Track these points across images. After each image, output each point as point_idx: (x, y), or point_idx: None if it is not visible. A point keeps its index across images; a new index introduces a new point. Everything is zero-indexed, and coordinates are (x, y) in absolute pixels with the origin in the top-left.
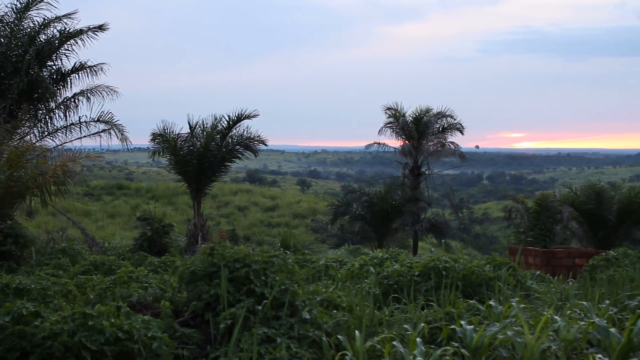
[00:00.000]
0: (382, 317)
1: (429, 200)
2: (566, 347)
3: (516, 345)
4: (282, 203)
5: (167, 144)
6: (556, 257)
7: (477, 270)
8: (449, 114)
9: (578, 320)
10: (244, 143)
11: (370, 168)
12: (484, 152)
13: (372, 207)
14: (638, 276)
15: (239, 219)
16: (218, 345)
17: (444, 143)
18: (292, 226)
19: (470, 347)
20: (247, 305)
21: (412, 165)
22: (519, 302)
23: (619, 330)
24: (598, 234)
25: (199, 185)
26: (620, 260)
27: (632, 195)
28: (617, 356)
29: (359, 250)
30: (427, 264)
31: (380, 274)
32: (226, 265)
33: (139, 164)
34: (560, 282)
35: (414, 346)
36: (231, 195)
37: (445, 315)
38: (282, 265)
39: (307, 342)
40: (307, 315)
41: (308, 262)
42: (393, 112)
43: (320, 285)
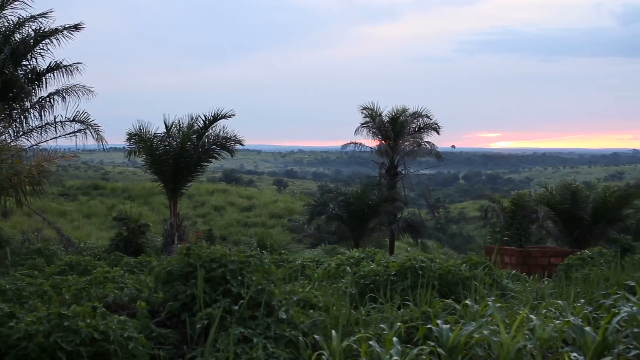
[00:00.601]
0: (358, 317)
1: (405, 200)
2: (541, 345)
3: (492, 344)
4: (259, 203)
5: (143, 144)
6: (532, 256)
7: (454, 270)
8: (425, 113)
9: (553, 319)
10: (220, 143)
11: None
12: (460, 152)
13: (348, 206)
14: (613, 275)
15: (216, 218)
16: (194, 346)
17: (420, 143)
18: (268, 226)
19: (446, 347)
20: (223, 305)
21: (389, 164)
22: (495, 301)
23: (594, 329)
24: (573, 233)
25: (175, 185)
26: (595, 260)
27: (607, 195)
28: (592, 355)
29: (336, 250)
30: (403, 263)
31: (356, 274)
32: (202, 266)
33: (114, 163)
34: (535, 281)
35: (390, 345)
36: (208, 195)
37: (421, 315)
38: (259, 265)
39: (283, 342)
40: (283, 315)
41: (285, 262)
42: (369, 112)
43: (297, 285)
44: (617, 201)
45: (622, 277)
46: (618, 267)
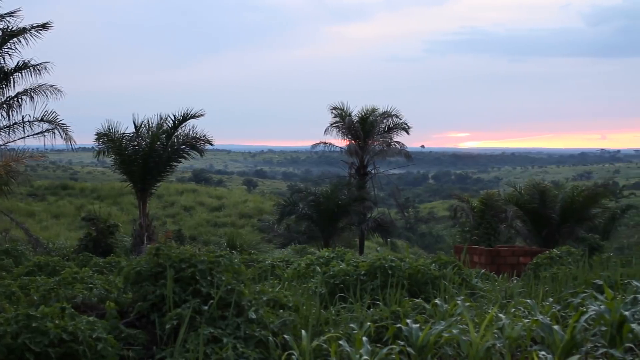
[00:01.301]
0: (328, 317)
1: (375, 200)
2: (510, 344)
3: (461, 343)
4: (229, 203)
5: (112, 144)
6: (501, 255)
7: (423, 269)
8: (394, 113)
9: (522, 318)
10: (190, 143)
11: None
12: (430, 152)
13: (318, 206)
14: (581, 274)
15: (185, 218)
16: (164, 346)
17: (389, 142)
18: (238, 226)
19: (416, 346)
20: (193, 305)
21: (358, 164)
22: (464, 301)
23: (562, 328)
24: (542, 232)
25: (145, 185)
26: (564, 259)
27: (575, 195)
28: (560, 353)
29: (306, 250)
30: (373, 263)
31: (326, 274)
32: (172, 266)
33: (83, 163)
34: (504, 281)
35: (360, 345)
36: (177, 195)
37: (391, 314)
38: (229, 265)
39: (253, 342)
40: (253, 315)
41: (254, 261)
42: (339, 112)
43: (266, 285)
44: (585, 201)
45: (590, 276)
46: (586, 266)
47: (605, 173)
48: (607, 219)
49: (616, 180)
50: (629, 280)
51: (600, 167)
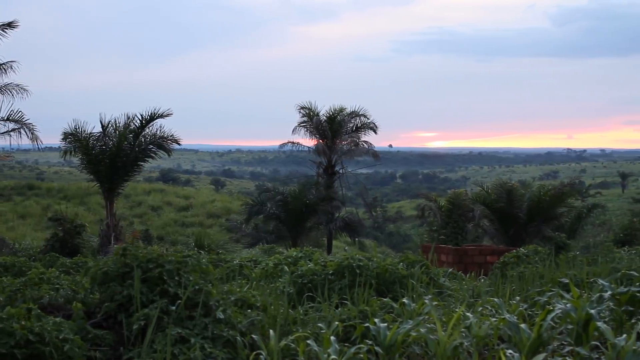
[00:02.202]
0: (296, 316)
1: (343, 199)
2: (478, 343)
3: (429, 342)
4: (196, 203)
5: (78, 144)
6: (468, 254)
7: (391, 269)
8: (362, 113)
9: (489, 317)
10: (157, 142)
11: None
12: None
13: (286, 206)
14: (548, 273)
15: (153, 218)
16: (131, 347)
17: (357, 142)
18: (206, 226)
19: (383, 345)
20: (160, 305)
21: (326, 164)
22: (432, 300)
23: (529, 326)
24: (509, 231)
25: (112, 185)
26: (531, 257)
27: (542, 194)
28: (527, 351)
29: (274, 250)
30: (341, 262)
31: (294, 273)
32: (139, 266)
33: (50, 163)
34: (472, 280)
35: (328, 344)
36: (144, 195)
37: (359, 314)
38: (196, 265)
39: (221, 342)
40: (221, 315)
41: (222, 261)
42: (307, 112)
43: (234, 285)
44: (551, 200)
45: (556, 275)
46: (552, 264)
47: (572, 172)
48: (574, 218)
49: (582, 180)
50: (594, 279)
51: (567, 166)
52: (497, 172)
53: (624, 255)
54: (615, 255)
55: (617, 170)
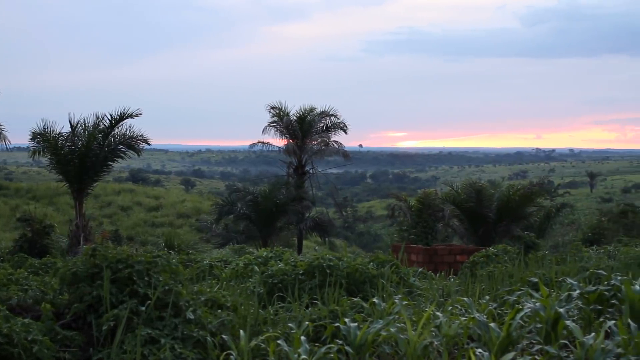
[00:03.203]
0: (266, 316)
1: (313, 199)
2: (448, 342)
3: (399, 342)
4: (166, 203)
5: (47, 143)
6: (438, 254)
7: (361, 268)
8: (332, 113)
9: (459, 316)
10: (127, 142)
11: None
12: (368, 151)
13: (256, 206)
14: (517, 272)
15: (122, 219)
16: (101, 347)
17: (327, 142)
18: (176, 226)
19: (354, 345)
20: (130, 306)
21: (297, 164)
22: (402, 299)
23: (498, 325)
24: (478, 231)
25: (81, 185)
26: (500, 257)
27: (511, 193)
28: (496, 350)
29: (244, 250)
30: (311, 262)
31: (264, 273)
32: (109, 266)
33: (18, 163)
34: (442, 279)
35: (298, 344)
36: (114, 195)
37: (329, 313)
38: (166, 266)
39: (191, 342)
40: (191, 315)
41: (192, 261)
42: (277, 111)
43: (204, 285)
44: (520, 199)
45: (525, 274)
46: (522, 264)
47: (541, 172)
48: (543, 217)
49: (551, 179)
50: (563, 278)
51: (536, 166)
52: (467, 171)
53: (592, 255)
54: (583, 255)
55: (585, 170)
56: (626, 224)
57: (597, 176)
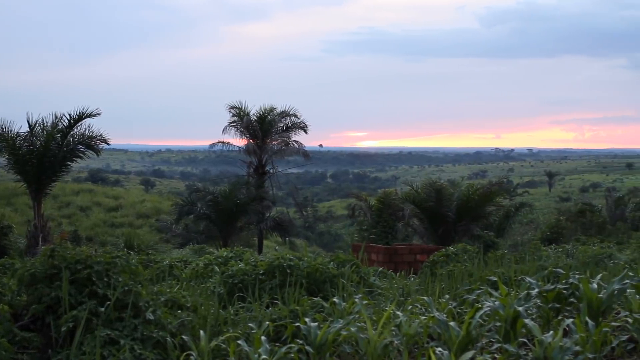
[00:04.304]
0: (227, 316)
1: (273, 199)
2: (408, 341)
3: (359, 341)
4: (126, 203)
5: (5, 143)
6: (398, 253)
7: (321, 268)
8: (292, 113)
9: (419, 315)
10: (86, 142)
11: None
12: (328, 151)
13: (216, 206)
14: (476, 271)
15: (81, 219)
16: (60, 349)
17: (288, 142)
18: (136, 226)
19: (314, 344)
20: (89, 307)
21: (257, 164)
22: (362, 299)
23: (458, 324)
24: (438, 230)
25: (40, 186)
26: (460, 256)
27: (471, 193)
28: (456, 349)
29: (204, 250)
30: (271, 262)
31: (225, 273)
32: (67, 267)
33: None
34: (402, 278)
35: (259, 344)
36: (73, 196)
37: (290, 313)
38: (125, 266)
39: (151, 343)
40: (151, 316)
41: (152, 262)
42: (237, 111)
43: (164, 286)
44: (480, 199)
45: (485, 273)
46: (481, 263)
47: (500, 172)
48: (502, 216)
49: (510, 179)
50: (522, 277)
51: (495, 165)
52: (427, 171)
53: (551, 253)
54: (542, 253)
55: (544, 169)
56: (584, 223)
57: (556, 176)
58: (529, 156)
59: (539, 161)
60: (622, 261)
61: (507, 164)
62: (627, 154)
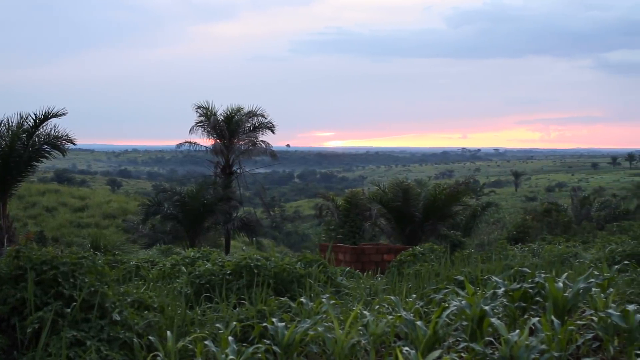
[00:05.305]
0: (194, 317)
1: (240, 199)
2: (375, 341)
3: (327, 341)
4: (92, 203)
5: None
6: (365, 253)
7: (289, 268)
8: (260, 112)
9: (386, 315)
10: (52, 142)
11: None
12: (295, 151)
13: (184, 206)
14: (443, 270)
15: (47, 220)
16: (25, 351)
17: (255, 142)
18: (102, 226)
19: (281, 344)
20: (55, 308)
21: (224, 164)
22: (330, 299)
23: (425, 323)
24: (405, 230)
25: (5, 186)
26: (426, 255)
27: (437, 193)
28: (423, 348)
29: (171, 250)
30: (239, 262)
31: (192, 274)
32: (33, 268)
33: None
34: (369, 278)
35: (226, 345)
36: (39, 196)
37: (257, 313)
38: (92, 267)
39: (117, 344)
40: (117, 317)
41: (119, 262)
42: (204, 111)
43: (131, 286)
44: (447, 198)
45: (452, 272)
46: (448, 262)
47: (466, 171)
48: (468, 216)
49: (477, 179)
50: (489, 276)
51: (462, 165)
52: (394, 171)
53: (517, 253)
54: (508, 253)
55: (510, 169)
56: (550, 222)
57: (522, 175)
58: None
59: (506, 161)
60: (587, 260)
61: (474, 163)
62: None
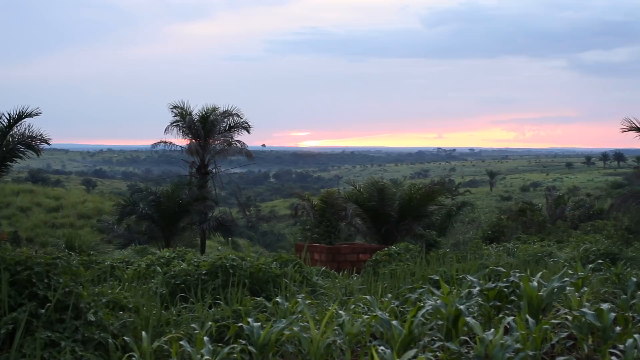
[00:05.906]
0: (169, 317)
1: (216, 199)
2: (350, 340)
3: (302, 341)
4: (67, 203)
5: None
6: (341, 253)
7: (264, 268)
8: (235, 112)
9: (362, 314)
10: (26, 142)
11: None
12: (271, 151)
13: (159, 206)
14: (419, 270)
15: (22, 220)
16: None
17: (230, 142)
18: (77, 227)
19: (257, 344)
20: (29, 309)
21: (199, 164)
22: (305, 298)
23: (400, 323)
24: (381, 229)
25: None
26: (402, 255)
27: (413, 192)
28: (398, 347)
29: (146, 250)
30: (214, 262)
31: (167, 274)
32: (7, 269)
33: None
34: (345, 277)
35: (201, 345)
36: (13, 196)
37: (232, 313)
38: (66, 267)
39: (92, 345)
40: (92, 318)
41: (93, 263)
42: (179, 111)
43: (106, 287)
44: (422, 198)
45: (427, 272)
46: (423, 261)
47: (442, 171)
48: (444, 215)
49: (452, 178)
50: (464, 275)
51: (437, 165)
52: (369, 171)
53: (492, 252)
54: (483, 252)
55: (485, 169)
56: (524, 222)
57: (497, 175)
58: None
59: (481, 160)
60: (561, 259)
61: (449, 163)
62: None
